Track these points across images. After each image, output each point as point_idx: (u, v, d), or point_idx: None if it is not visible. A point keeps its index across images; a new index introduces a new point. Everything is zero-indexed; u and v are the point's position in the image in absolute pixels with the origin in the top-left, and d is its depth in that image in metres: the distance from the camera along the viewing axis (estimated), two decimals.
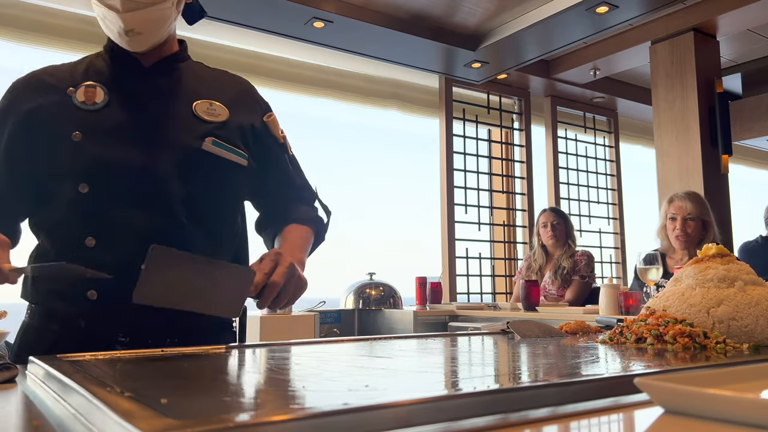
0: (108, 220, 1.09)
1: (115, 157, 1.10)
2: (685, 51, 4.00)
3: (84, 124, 1.11)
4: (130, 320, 1.09)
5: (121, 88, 1.17)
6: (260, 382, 0.70)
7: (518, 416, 0.50)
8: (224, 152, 1.16)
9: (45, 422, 0.56)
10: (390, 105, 4.58)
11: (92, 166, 1.10)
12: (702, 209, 2.93)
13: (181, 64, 1.25)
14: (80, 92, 1.14)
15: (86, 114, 1.12)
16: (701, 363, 0.78)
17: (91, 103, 1.13)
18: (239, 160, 1.19)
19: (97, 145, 1.10)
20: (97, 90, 1.15)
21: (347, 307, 3.61)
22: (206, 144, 1.14)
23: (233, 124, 1.20)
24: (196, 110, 1.17)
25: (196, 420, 0.42)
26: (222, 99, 1.22)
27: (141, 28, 1.11)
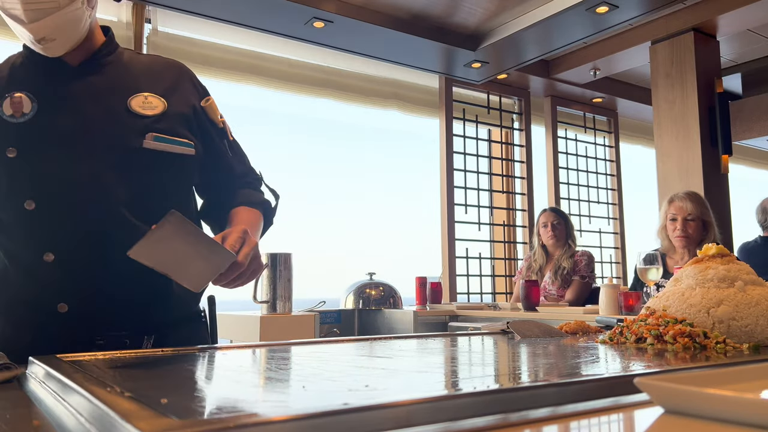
0: (61, 233, 1.07)
1: (55, 169, 1.06)
2: (685, 51, 4.00)
3: (16, 139, 1.06)
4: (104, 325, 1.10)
5: (48, 94, 1.10)
6: (260, 382, 0.70)
7: (518, 416, 0.50)
8: (168, 146, 1.12)
9: (45, 422, 0.56)
10: (390, 105, 4.58)
11: (34, 182, 1.06)
12: (702, 209, 2.94)
13: (109, 58, 1.18)
14: (6, 104, 1.08)
15: (16, 127, 1.07)
16: (701, 363, 0.78)
17: (20, 115, 1.08)
18: (186, 150, 1.15)
19: (34, 160, 1.06)
20: (24, 99, 1.09)
21: (347, 307, 3.61)
22: (147, 141, 1.10)
23: (172, 114, 1.15)
24: (131, 106, 1.12)
25: (196, 420, 0.42)
26: (157, 89, 1.16)
27: (53, 34, 1.05)
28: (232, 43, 3.87)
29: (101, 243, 1.07)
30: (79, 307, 1.08)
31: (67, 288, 1.08)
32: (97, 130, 1.09)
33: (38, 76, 1.12)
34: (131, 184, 1.09)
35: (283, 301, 2.72)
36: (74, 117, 1.09)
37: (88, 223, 1.07)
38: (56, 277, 1.05)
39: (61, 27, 1.06)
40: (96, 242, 1.08)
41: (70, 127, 1.08)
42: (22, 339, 1.10)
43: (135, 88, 1.15)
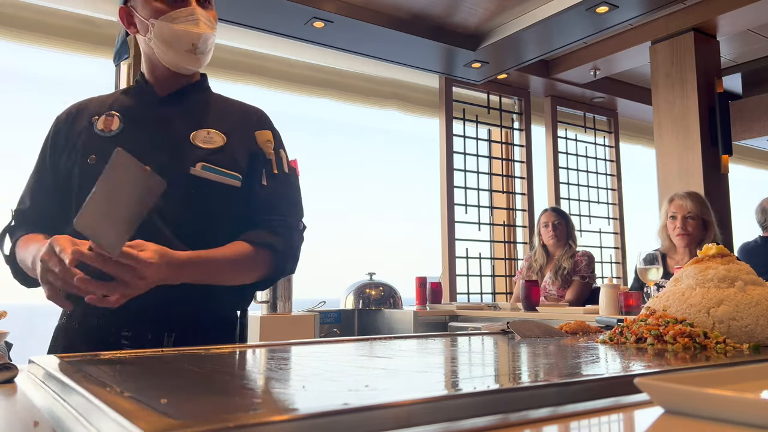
0: None
1: None
2: (685, 51, 4.00)
3: (98, 149, 1.25)
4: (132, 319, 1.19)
5: (134, 117, 1.30)
6: (260, 382, 0.70)
7: (518, 416, 0.50)
8: (214, 176, 1.25)
9: (45, 422, 0.56)
10: (390, 105, 4.58)
11: None
12: (702, 208, 2.94)
13: (194, 95, 1.35)
14: (101, 121, 1.30)
15: (102, 140, 1.27)
16: (701, 363, 0.78)
17: (108, 131, 1.28)
18: (231, 182, 1.26)
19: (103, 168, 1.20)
20: (114, 119, 1.30)
21: (347, 307, 3.61)
22: (195, 169, 1.23)
23: (230, 150, 1.28)
24: (193, 138, 1.27)
25: (196, 420, 0.42)
26: (222, 126, 1.30)
27: (204, 47, 1.28)
28: (232, 43, 3.87)
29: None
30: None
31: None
32: (158, 153, 1.24)
33: (132, 101, 1.34)
34: (176, 205, 1.22)
35: (283, 301, 2.72)
36: (145, 138, 1.27)
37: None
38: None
39: (210, 44, 1.30)
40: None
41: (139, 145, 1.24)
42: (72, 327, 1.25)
43: (203, 123, 1.30)
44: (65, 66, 4.02)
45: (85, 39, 3.37)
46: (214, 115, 1.33)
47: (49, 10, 3.32)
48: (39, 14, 3.28)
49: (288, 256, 1.29)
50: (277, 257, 1.27)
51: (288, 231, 1.29)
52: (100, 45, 3.39)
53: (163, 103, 1.32)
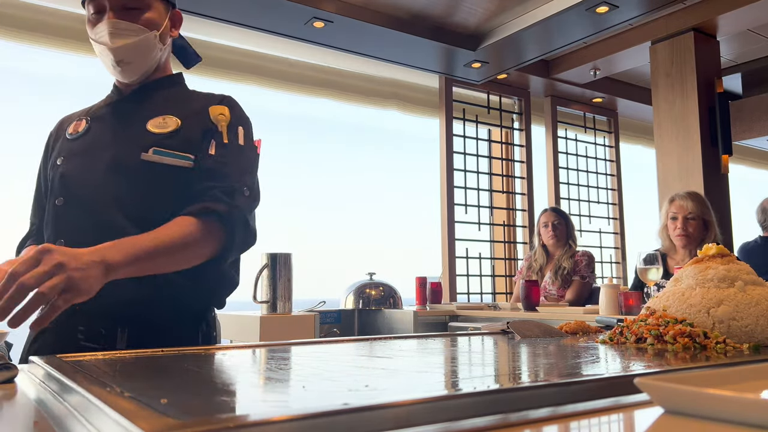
0: (74, 227, 1.25)
1: (78, 174, 1.27)
2: (685, 51, 4.00)
3: (65, 151, 1.32)
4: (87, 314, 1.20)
5: (98, 119, 1.35)
6: (260, 382, 0.70)
7: (518, 416, 0.50)
8: (167, 159, 1.24)
9: (45, 422, 0.56)
10: (390, 105, 4.58)
11: (63, 183, 1.28)
12: (703, 209, 2.94)
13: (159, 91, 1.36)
14: (71, 126, 1.36)
15: (68, 142, 1.33)
16: (701, 363, 0.78)
17: (75, 133, 1.34)
18: (183, 163, 1.25)
19: (68, 166, 1.29)
20: (82, 122, 1.35)
21: (347, 307, 3.61)
22: (147, 154, 1.24)
23: (183, 132, 1.27)
24: (148, 126, 1.28)
25: (196, 420, 0.42)
26: (178, 112, 1.30)
27: (129, 58, 1.28)
28: (232, 43, 3.87)
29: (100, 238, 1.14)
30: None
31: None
32: (115, 145, 1.28)
33: (102, 104, 1.39)
34: (131, 193, 1.24)
35: (283, 301, 2.72)
36: (105, 134, 1.31)
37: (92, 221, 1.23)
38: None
39: (135, 52, 1.28)
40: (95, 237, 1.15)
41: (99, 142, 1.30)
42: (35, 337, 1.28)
43: (161, 111, 1.31)
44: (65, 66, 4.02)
45: (85, 39, 3.35)
46: (174, 104, 1.33)
47: (49, 10, 3.32)
48: (39, 14, 3.28)
49: (236, 220, 1.19)
50: (225, 223, 1.18)
51: (229, 195, 1.20)
52: None
53: (126, 99, 1.35)
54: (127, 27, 1.26)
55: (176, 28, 1.40)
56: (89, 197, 1.25)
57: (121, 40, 1.25)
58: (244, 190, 1.25)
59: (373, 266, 3.82)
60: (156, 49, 1.32)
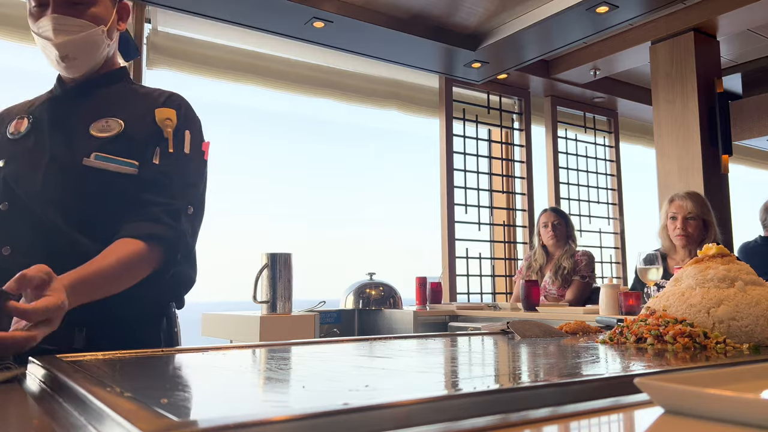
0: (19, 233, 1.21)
1: (20, 178, 1.23)
2: (685, 51, 4.00)
3: (6, 152, 1.26)
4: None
5: (40, 117, 1.29)
6: (260, 382, 0.70)
7: (518, 416, 0.50)
8: (107, 164, 1.20)
9: (45, 422, 0.56)
10: (390, 105, 4.58)
11: (6, 188, 1.23)
12: (703, 209, 2.94)
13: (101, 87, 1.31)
14: (12, 124, 1.30)
15: (10, 143, 1.28)
16: (701, 363, 0.78)
17: (17, 133, 1.28)
18: (126, 170, 1.21)
19: (10, 169, 1.24)
20: (24, 121, 1.29)
21: (347, 307, 3.61)
22: (88, 159, 1.20)
23: (127, 135, 1.23)
24: (90, 129, 1.24)
25: (196, 420, 0.42)
26: (123, 114, 1.26)
27: (74, 53, 1.23)
28: (232, 43, 3.87)
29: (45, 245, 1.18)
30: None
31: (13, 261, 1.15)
32: (56, 149, 1.23)
33: (44, 101, 1.32)
34: (73, 198, 1.20)
35: (283, 301, 2.72)
36: (47, 136, 1.25)
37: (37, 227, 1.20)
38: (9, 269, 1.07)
39: (82, 48, 1.23)
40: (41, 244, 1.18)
41: (41, 144, 1.25)
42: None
43: (104, 113, 1.26)
44: None
45: None
46: (118, 104, 1.28)
47: None
48: None
49: (179, 245, 1.19)
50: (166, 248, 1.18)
51: (174, 217, 1.19)
52: None
53: (68, 97, 1.30)
54: (72, 22, 1.21)
55: (123, 21, 1.35)
56: (32, 203, 1.20)
57: (66, 35, 1.20)
58: (188, 208, 1.24)
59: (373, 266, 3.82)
60: (103, 45, 1.28)
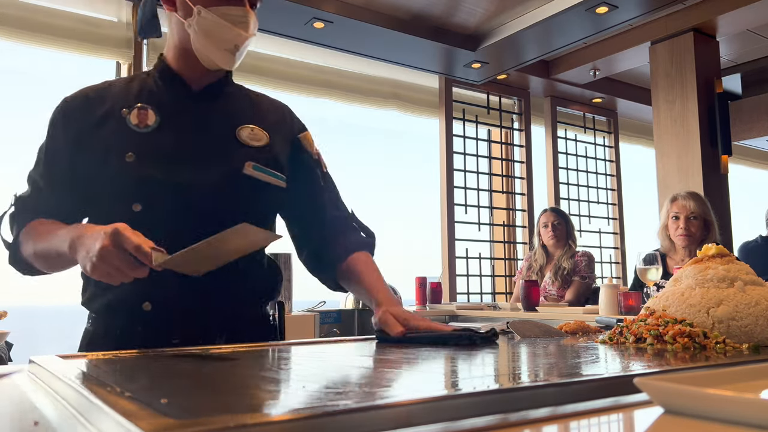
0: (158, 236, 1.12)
1: (164, 178, 1.16)
2: (685, 51, 4.00)
3: (136, 146, 1.17)
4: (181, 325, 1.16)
5: (171, 112, 1.22)
6: (260, 382, 0.70)
7: (518, 416, 0.50)
8: (264, 176, 1.22)
9: (45, 422, 0.56)
10: (390, 105, 4.58)
11: (143, 187, 1.15)
12: (704, 209, 2.94)
13: (226, 88, 1.31)
14: (133, 114, 1.20)
15: (139, 136, 1.18)
16: (701, 363, 0.78)
17: (144, 126, 1.19)
18: (278, 182, 1.25)
19: (147, 167, 1.16)
20: (149, 112, 1.21)
21: (347, 307, 3.61)
22: (247, 168, 1.19)
23: (273, 148, 1.26)
24: (239, 135, 1.23)
25: (196, 420, 0.42)
26: (262, 124, 1.27)
27: (244, 50, 1.23)
28: None
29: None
30: (161, 307, 1.15)
31: (153, 288, 1.13)
32: (205, 151, 1.20)
33: (165, 95, 1.25)
34: (223, 204, 1.18)
35: (283, 301, 2.72)
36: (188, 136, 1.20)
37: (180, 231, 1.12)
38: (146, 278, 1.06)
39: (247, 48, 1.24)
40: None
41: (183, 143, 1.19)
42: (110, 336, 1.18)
43: (244, 119, 1.26)
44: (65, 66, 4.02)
45: (85, 39, 3.37)
46: (252, 112, 1.30)
47: (49, 10, 3.32)
48: (39, 14, 3.28)
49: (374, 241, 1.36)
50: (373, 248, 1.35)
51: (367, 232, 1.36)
52: (100, 45, 3.39)
53: (201, 98, 1.26)
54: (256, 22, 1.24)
55: None
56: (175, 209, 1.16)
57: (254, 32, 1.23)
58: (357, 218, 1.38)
59: None
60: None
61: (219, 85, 1.28)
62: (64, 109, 1.23)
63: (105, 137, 1.19)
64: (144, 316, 1.15)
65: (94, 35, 3.38)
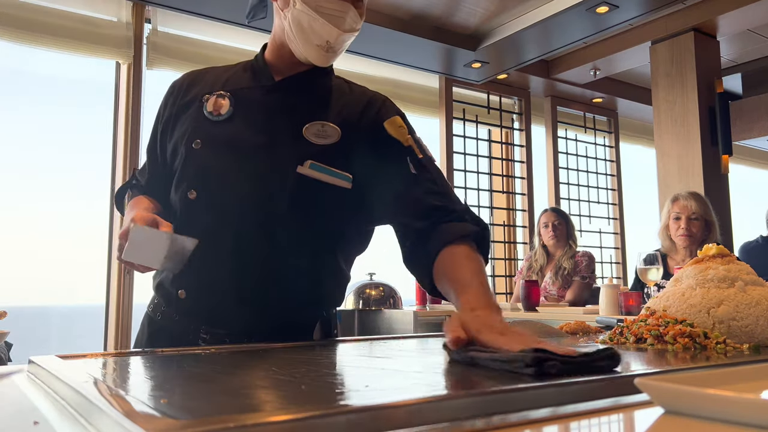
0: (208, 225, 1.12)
1: (222, 170, 1.14)
2: (686, 51, 4.00)
3: (204, 134, 1.16)
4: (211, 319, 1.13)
5: (246, 102, 1.18)
6: (260, 382, 0.70)
7: (518, 416, 0.50)
8: (322, 175, 1.12)
9: (45, 422, 0.55)
10: None
11: (200, 175, 1.14)
12: (706, 209, 2.94)
13: (312, 81, 1.22)
14: (210, 102, 1.18)
15: (210, 124, 1.17)
16: (701, 363, 0.78)
17: (217, 114, 1.17)
18: (341, 183, 1.14)
19: (209, 156, 1.14)
20: (225, 101, 1.18)
21: (347, 307, 3.60)
22: (302, 167, 1.11)
23: (344, 147, 1.15)
24: (304, 132, 1.14)
25: (196, 420, 0.42)
26: (338, 119, 1.17)
27: (339, 47, 1.17)
28: (232, 43, 3.87)
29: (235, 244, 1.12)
30: (194, 297, 1.14)
31: (193, 277, 1.12)
32: (266, 146, 1.14)
33: (247, 81, 1.22)
34: (276, 203, 1.12)
35: None
36: (254, 128, 1.15)
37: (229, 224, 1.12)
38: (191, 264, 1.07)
39: (346, 45, 1.19)
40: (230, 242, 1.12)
41: (247, 136, 1.15)
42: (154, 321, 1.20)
43: (317, 115, 1.17)
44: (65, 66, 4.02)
45: (85, 39, 3.37)
46: (331, 105, 1.19)
47: (49, 10, 3.32)
48: (39, 14, 3.28)
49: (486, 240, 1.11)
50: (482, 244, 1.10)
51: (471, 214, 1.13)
52: (100, 45, 3.39)
53: (278, 88, 1.20)
54: (357, 19, 1.16)
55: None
56: (228, 201, 1.13)
57: (351, 31, 1.15)
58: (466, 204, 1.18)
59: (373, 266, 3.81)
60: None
61: (303, 76, 1.21)
62: (168, 93, 1.26)
63: (184, 122, 1.19)
64: (178, 303, 1.14)
65: (94, 35, 3.38)
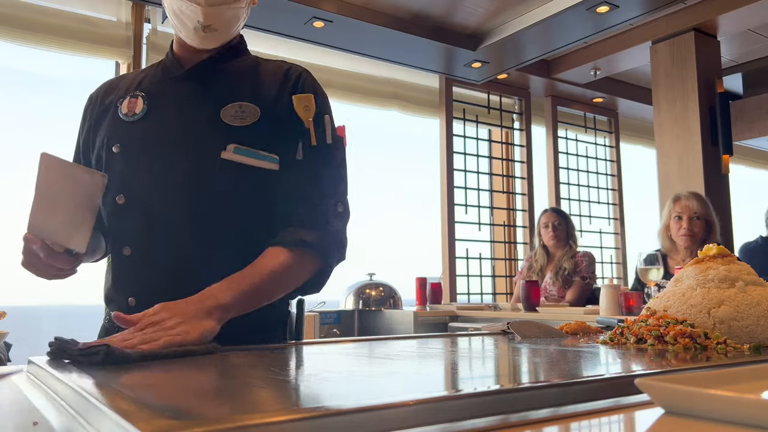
0: (140, 229, 1.11)
1: (144, 168, 1.11)
2: (686, 51, 4.00)
3: (122, 137, 1.14)
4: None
5: (157, 98, 1.16)
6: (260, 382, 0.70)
7: (519, 417, 0.50)
8: (248, 159, 1.09)
9: (45, 422, 0.55)
10: (390, 105, 4.58)
11: (125, 178, 1.12)
12: (707, 209, 2.93)
13: (224, 64, 1.19)
14: (124, 104, 1.16)
15: (125, 126, 1.15)
16: (702, 363, 0.78)
17: (131, 115, 1.15)
18: (268, 165, 1.10)
19: (131, 157, 1.12)
20: (138, 101, 1.15)
21: (347, 307, 3.61)
22: (226, 152, 1.08)
23: (266, 123, 1.11)
24: (222, 116, 1.10)
25: (196, 420, 0.42)
26: (255, 97, 1.13)
27: (217, 24, 1.11)
28: None
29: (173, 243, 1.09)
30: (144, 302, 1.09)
31: (137, 283, 1.11)
32: (184, 137, 1.11)
33: (158, 78, 1.19)
34: (207, 193, 1.09)
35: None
36: (170, 121, 1.13)
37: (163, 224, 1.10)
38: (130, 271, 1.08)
39: (226, 19, 1.12)
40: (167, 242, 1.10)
41: (164, 130, 1.12)
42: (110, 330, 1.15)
43: (233, 96, 1.13)
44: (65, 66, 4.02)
45: (85, 39, 3.37)
46: (247, 85, 1.16)
47: (49, 10, 3.31)
48: (39, 14, 3.28)
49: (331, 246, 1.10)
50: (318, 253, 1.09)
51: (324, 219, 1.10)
52: (100, 45, 3.39)
53: (189, 77, 1.16)
54: None
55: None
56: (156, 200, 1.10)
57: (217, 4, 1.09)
58: (338, 206, 1.13)
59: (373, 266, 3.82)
60: (243, 19, 1.17)
61: (213, 61, 1.17)
62: (86, 105, 1.25)
63: (102, 130, 1.17)
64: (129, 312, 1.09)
65: (93, 35, 3.38)
